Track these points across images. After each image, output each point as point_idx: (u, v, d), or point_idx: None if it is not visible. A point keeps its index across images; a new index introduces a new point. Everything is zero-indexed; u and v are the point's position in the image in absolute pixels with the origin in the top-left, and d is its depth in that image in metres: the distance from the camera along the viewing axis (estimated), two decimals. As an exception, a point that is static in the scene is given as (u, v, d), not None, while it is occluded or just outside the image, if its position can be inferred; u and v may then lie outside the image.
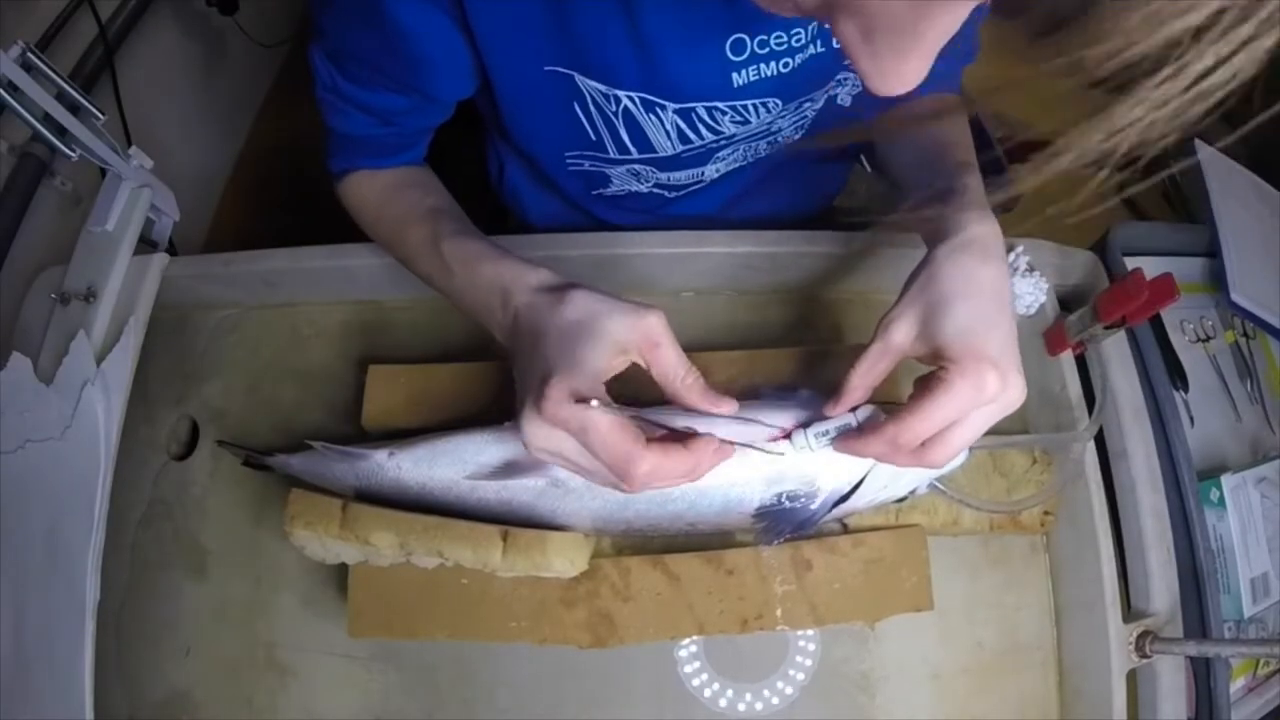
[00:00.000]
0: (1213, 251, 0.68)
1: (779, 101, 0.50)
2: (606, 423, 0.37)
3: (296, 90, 0.50)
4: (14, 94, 0.49)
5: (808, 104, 0.53)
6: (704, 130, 0.50)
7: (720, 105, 0.48)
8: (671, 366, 0.41)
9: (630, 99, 0.47)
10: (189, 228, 1.07)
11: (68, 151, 0.53)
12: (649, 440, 0.38)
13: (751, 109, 0.50)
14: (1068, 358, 0.57)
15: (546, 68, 0.46)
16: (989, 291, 0.40)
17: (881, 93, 0.30)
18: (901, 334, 0.41)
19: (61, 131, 0.52)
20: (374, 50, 0.47)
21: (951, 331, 0.39)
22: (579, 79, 0.47)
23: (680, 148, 0.52)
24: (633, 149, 0.52)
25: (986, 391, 0.37)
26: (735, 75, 0.47)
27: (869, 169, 0.83)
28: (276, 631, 0.55)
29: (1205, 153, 0.74)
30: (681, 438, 0.40)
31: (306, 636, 0.55)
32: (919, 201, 0.50)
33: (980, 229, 0.42)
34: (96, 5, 0.94)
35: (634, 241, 0.59)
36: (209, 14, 1.24)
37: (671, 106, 0.48)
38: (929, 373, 0.40)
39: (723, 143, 0.53)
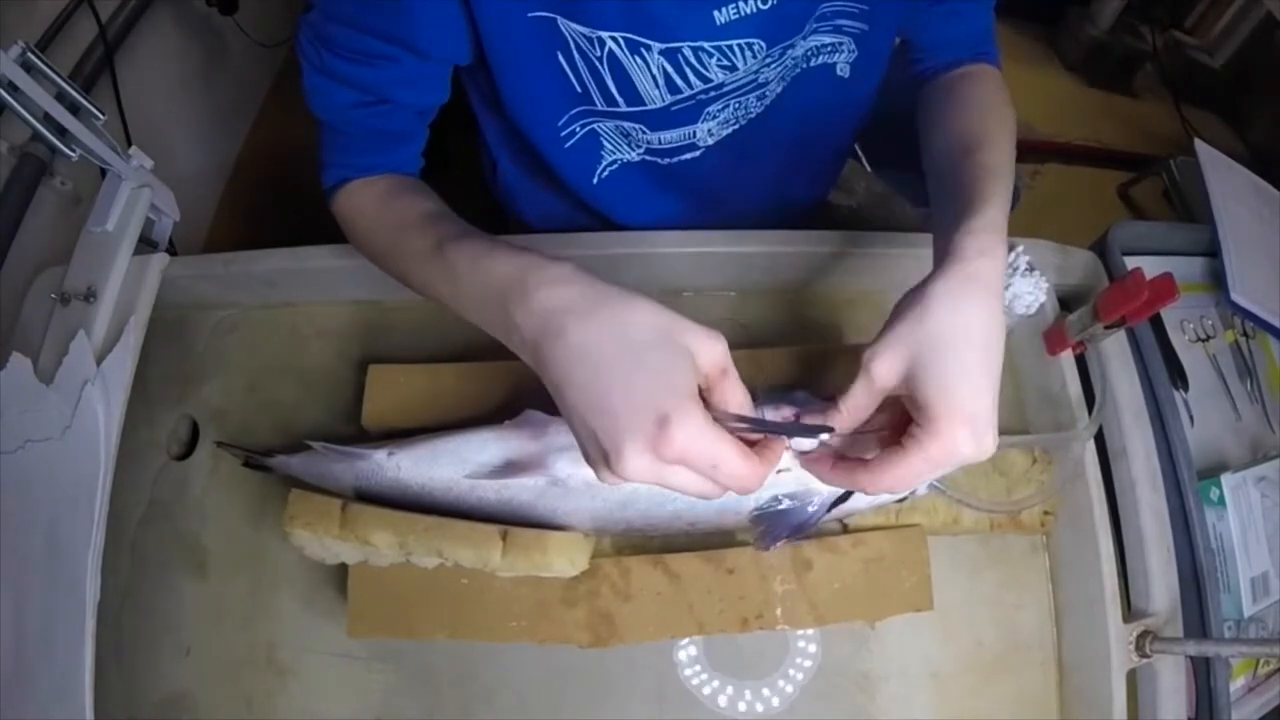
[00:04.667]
0: (1213, 251, 0.68)
1: (763, 44, 0.50)
2: (736, 456, 0.35)
3: (297, 90, 0.50)
4: (14, 94, 0.49)
5: (790, 50, 0.53)
6: (691, 76, 0.50)
7: (705, 46, 0.48)
8: (736, 401, 0.38)
9: (614, 40, 0.47)
10: (189, 228, 1.07)
11: (68, 151, 0.53)
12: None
13: (737, 51, 0.50)
14: (1068, 357, 0.57)
15: (530, 14, 0.46)
16: (980, 340, 0.38)
17: None
18: (887, 374, 0.39)
19: (61, 131, 0.52)
20: (361, 6, 0.46)
21: (936, 387, 0.37)
22: (561, 23, 0.46)
23: (670, 98, 0.52)
24: (620, 100, 0.51)
25: (959, 454, 0.36)
26: (716, 13, 0.47)
27: (868, 167, 0.83)
28: (276, 631, 0.55)
29: (1205, 152, 0.74)
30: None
31: (306, 636, 0.55)
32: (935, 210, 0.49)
33: (983, 261, 0.39)
34: (96, 5, 0.94)
35: (634, 241, 0.59)
36: (209, 14, 1.24)
37: (657, 47, 0.48)
38: (901, 413, 0.39)
39: (711, 94, 0.52)
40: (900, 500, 0.50)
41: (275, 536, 0.56)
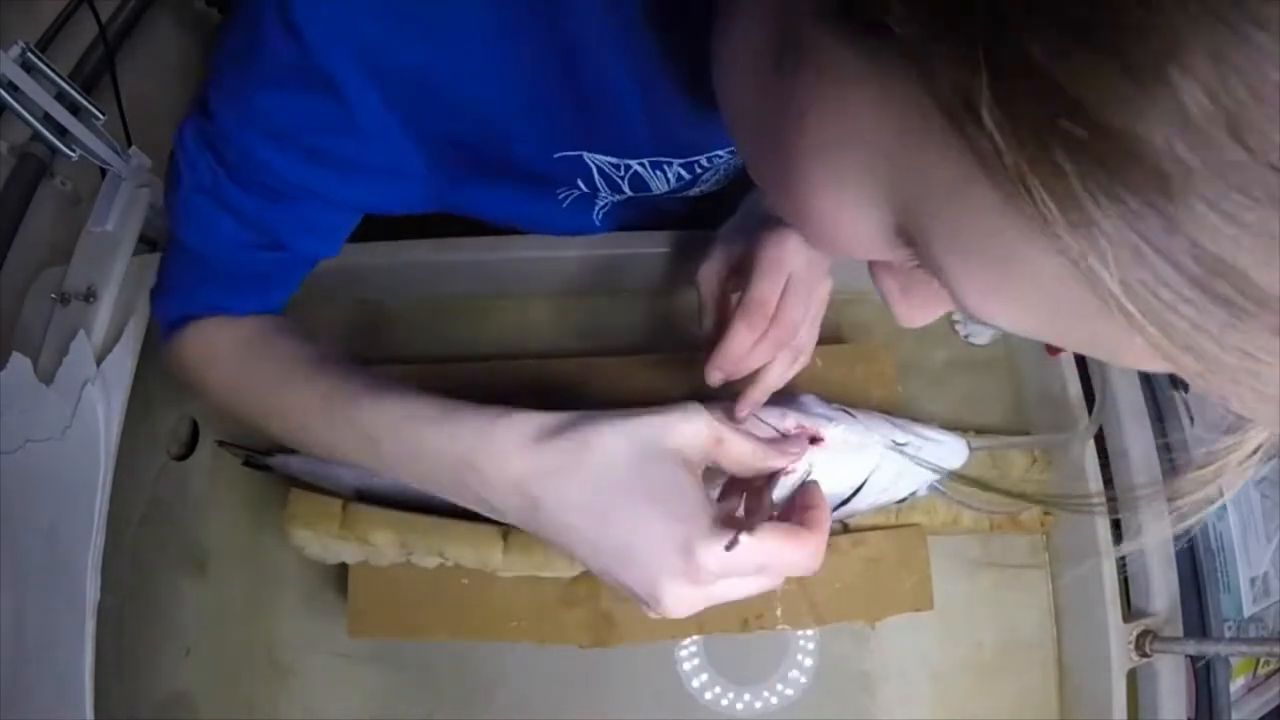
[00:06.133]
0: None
1: None
2: (776, 542, 0.32)
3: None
4: (14, 94, 0.49)
5: None
6: (699, 170, 0.49)
7: (720, 153, 0.47)
8: (747, 453, 0.36)
9: (640, 164, 0.45)
10: (189, 228, 1.06)
11: (68, 151, 0.53)
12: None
13: None
14: (1067, 358, 0.57)
15: (556, 155, 0.42)
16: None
17: (905, 325, 0.31)
18: (712, 272, 0.46)
19: (61, 131, 0.53)
20: (308, 120, 0.35)
21: (752, 228, 0.44)
22: (588, 156, 0.43)
23: (674, 185, 0.51)
24: (628, 191, 0.50)
25: (784, 239, 0.42)
26: None
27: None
28: (276, 631, 0.55)
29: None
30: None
31: (306, 636, 0.55)
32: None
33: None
34: (96, 5, 0.94)
35: (634, 242, 0.59)
36: (209, 14, 1.24)
37: (677, 162, 0.46)
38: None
39: (712, 171, 0.53)
40: (900, 501, 0.50)
41: (275, 536, 0.56)
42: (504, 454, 0.34)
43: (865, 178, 0.22)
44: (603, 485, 0.33)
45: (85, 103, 0.54)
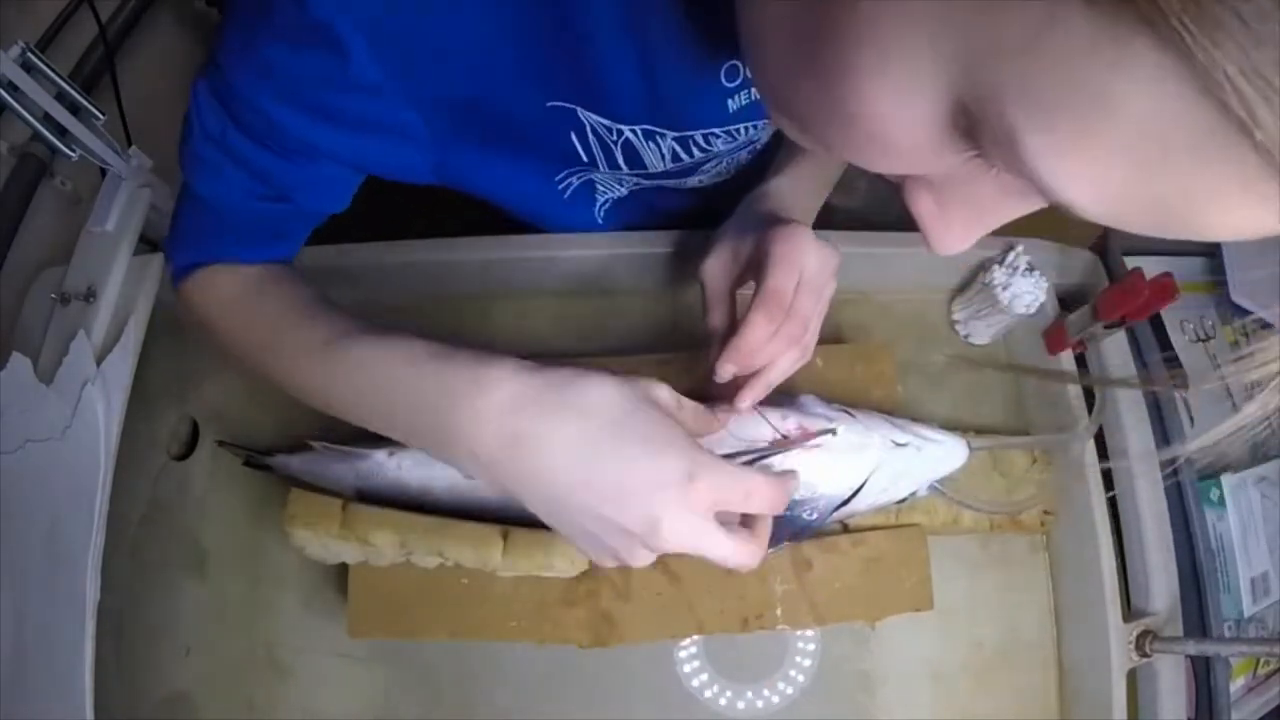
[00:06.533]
0: (1212, 251, 0.68)
1: (767, 121, 0.50)
2: (763, 478, 0.36)
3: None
4: (14, 94, 0.49)
5: None
6: (696, 151, 0.50)
7: (716, 130, 0.48)
8: (705, 422, 0.41)
9: (633, 131, 0.46)
10: (189, 228, 1.06)
11: (68, 151, 0.53)
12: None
13: (743, 130, 0.50)
14: (1068, 357, 0.57)
15: (549, 104, 0.43)
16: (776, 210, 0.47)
17: (940, 252, 0.29)
18: (718, 268, 0.46)
19: (61, 131, 0.52)
20: (313, 74, 0.37)
21: (758, 226, 0.45)
22: (581, 113, 0.44)
23: (671, 165, 0.52)
24: (624, 167, 0.50)
25: (797, 236, 0.42)
26: (730, 101, 0.47)
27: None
28: (276, 631, 0.55)
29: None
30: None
31: (306, 636, 0.55)
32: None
33: (771, 183, 0.51)
34: (96, 5, 0.94)
35: (634, 242, 0.59)
36: (209, 14, 1.24)
37: (671, 135, 0.47)
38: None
39: (710, 159, 0.53)
40: (900, 502, 0.50)
41: (275, 536, 0.56)
42: (498, 379, 0.35)
43: (923, 53, 0.21)
44: (596, 424, 0.34)
45: (85, 103, 0.54)
